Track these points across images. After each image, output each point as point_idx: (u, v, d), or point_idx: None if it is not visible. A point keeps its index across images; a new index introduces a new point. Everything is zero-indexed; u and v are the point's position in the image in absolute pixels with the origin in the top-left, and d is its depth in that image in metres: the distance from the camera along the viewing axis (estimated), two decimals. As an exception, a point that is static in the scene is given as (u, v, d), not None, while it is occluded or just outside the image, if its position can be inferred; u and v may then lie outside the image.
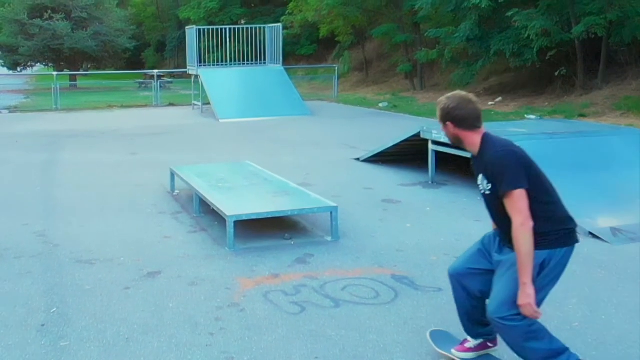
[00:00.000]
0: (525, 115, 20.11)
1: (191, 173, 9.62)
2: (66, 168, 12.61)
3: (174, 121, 21.08)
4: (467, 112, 4.20)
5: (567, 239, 4.15)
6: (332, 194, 9.76)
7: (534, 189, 4.02)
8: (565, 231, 4.15)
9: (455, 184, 10.65)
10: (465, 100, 4.24)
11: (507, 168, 4.02)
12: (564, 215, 4.18)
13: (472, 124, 4.22)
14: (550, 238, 4.06)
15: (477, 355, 4.64)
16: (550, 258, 4.07)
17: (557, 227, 4.11)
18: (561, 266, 4.15)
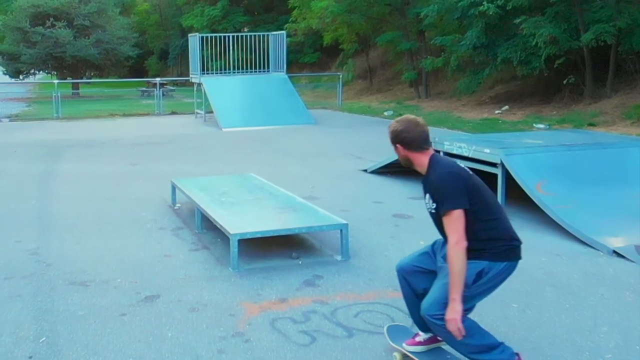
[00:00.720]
0: (533, 124, 19.66)
1: (193, 186, 9.16)
2: (64, 180, 12.13)
3: (176, 130, 20.61)
4: (415, 134, 4.45)
5: (509, 254, 4.38)
6: (340, 208, 9.30)
7: (476, 209, 4.26)
8: (507, 247, 4.37)
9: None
10: (412, 124, 4.49)
11: (447, 189, 4.28)
12: (507, 233, 4.41)
13: (420, 145, 4.48)
14: (491, 252, 4.31)
15: (426, 348, 4.78)
16: (489, 269, 4.32)
17: (499, 244, 4.34)
18: (498, 278, 4.40)
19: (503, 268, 4.36)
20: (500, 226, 4.39)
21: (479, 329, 4.41)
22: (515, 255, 4.42)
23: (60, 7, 38.25)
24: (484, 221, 4.30)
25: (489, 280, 4.35)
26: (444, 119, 22.15)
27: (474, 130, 19.06)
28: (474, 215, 4.24)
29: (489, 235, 4.31)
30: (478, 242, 4.25)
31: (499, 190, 9.06)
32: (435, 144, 10.15)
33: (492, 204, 4.42)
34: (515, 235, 4.45)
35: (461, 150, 9.54)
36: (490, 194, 4.48)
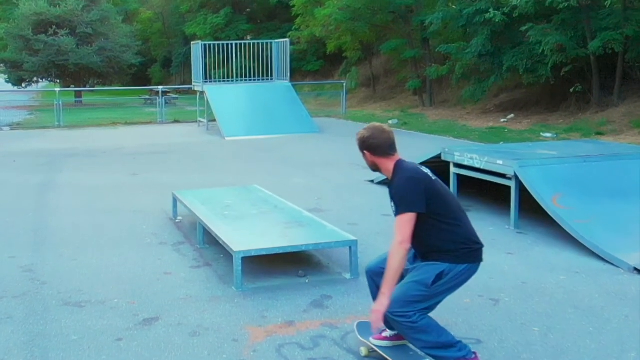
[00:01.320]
0: (540, 133, 19.31)
1: (195, 199, 8.78)
2: (62, 191, 11.75)
3: (179, 139, 20.24)
4: (381, 141, 4.67)
5: (469, 257, 4.57)
6: (348, 221, 8.93)
7: (437, 213, 4.48)
8: (468, 250, 4.57)
9: (479, 210, 9.77)
10: (379, 131, 4.73)
11: (405, 192, 4.52)
12: (468, 236, 4.61)
13: (386, 151, 4.69)
14: (452, 255, 4.49)
15: (392, 344, 4.94)
16: (449, 271, 4.48)
17: (460, 246, 4.53)
18: (458, 280, 4.56)
19: (463, 270, 4.53)
20: (461, 230, 4.59)
21: (437, 327, 4.52)
22: (475, 257, 4.63)
23: (63, 15, 37.96)
24: (445, 224, 4.51)
25: (448, 282, 4.51)
26: (449, 128, 21.77)
27: (480, 139, 18.69)
28: (435, 219, 4.48)
29: (450, 238, 4.51)
30: (440, 245, 4.50)
31: (513, 204, 8.67)
32: (445, 155, 9.79)
33: (454, 209, 4.62)
34: (476, 239, 4.67)
35: (472, 162, 9.15)
36: (452, 199, 4.70)
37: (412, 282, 4.49)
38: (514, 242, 8.11)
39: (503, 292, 6.33)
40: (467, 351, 4.53)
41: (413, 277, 4.53)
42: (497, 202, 10.07)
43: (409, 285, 4.48)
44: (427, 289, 4.45)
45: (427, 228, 4.48)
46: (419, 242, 4.55)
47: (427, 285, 4.45)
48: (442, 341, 4.47)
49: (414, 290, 4.45)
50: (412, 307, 4.42)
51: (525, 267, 7.13)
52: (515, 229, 8.63)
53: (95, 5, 39.93)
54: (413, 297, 4.44)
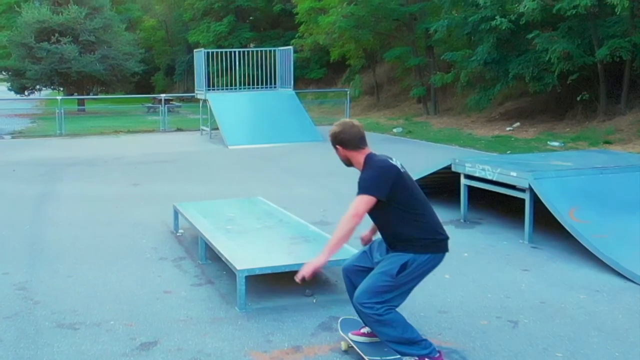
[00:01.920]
0: (547, 142, 18.95)
1: (196, 211, 8.40)
2: (61, 202, 11.36)
3: (181, 147, 19.86)
4: (351, 135, 4.84)
5: (433, 247, 4.71)
6: (356, 235, 8.49)
7: (403, 202, 4.66)
8: (432, 240, 4.72)
9: (491, 223, 9.39)
10: (348, 125, 4.90)
11: (371, 179, 4.70)
12: (433, 227, 4.76)
13: (357, 145, 4.85)
14: (416, 244, 4.65)
15: (369, 340, 5.04)
16: (413, 261, 4.64)
17: (424, 236, 4.69)
18: (422, 269, 4.71)
19: (426, 260, 4.68)
20: (425, 221, 4.73)
21: (403, 323, 4.66)
22: (439, 248, 4.78)
23: (65, 23, 37.59)
24: (411, 215, 4.67)
25: (413, 272, 4.66)
26: (455, 136, 21.41)
27: (486, 148, 18.32)
28: (401, 209, 4.67)
29: (415, 228, 4.67)
30: (405, 234, 4.68)
31: (527, 217, 8.28)
32: (456, 166, 9.41)
33: (419, 201, 4.76)
34: (441, 230, 4.82)
35: (484, 173, 8.77)
36: (418, 192, 4.81)
37: (379, 274, 4.69)
38: (529, 257, 7.72)
39: (522, 313, 5.94)
40: (432, 349, 4.66)
41: (380, 268, 4.73)
42: (509, 214, 9.70)
43: (376, 276, 4.69)
44: (393, 279, 4.63)
45: (394, 217, 4.70)
46: (387, 231, 4.86)
47: (393, 275, 4.63)
48: (407, 337, 4.62)
49: (380, 281, 4.65)
50: (379, 298, 4.62)
51: (542, 285, 6.75)
52: (529, 244, 8.25)
53: (98, 13, 39.58)
54: (380, 287, 4.63)
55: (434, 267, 4.80)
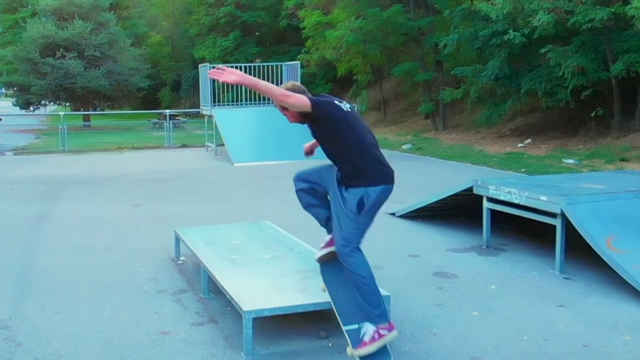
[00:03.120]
0: (562, 159, 18.21)
1: (199, 238, 7.65)
2: (57, 224, 10.60)
3: (186, 165, 19.11)
4: (299, 87, 5.12)
5: (382, 178, 5.04)
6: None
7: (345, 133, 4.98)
8: (378, 171, 5.05)
9: (517, 250, 8.61)
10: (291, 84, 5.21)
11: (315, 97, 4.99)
12: (376, 159, 5.08)
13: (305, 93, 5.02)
14: (365, 177, 4.98)
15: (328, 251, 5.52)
16: (367, 195, 4.98)
17: (370, 167, 5.01)
18: (378, 203, 5.09)
19: (380, 191, 5.04)
20: (369, 152, 5.06)
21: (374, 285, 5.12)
22: (388, 178, 5.12)
23: (70, 38, 37.04)
24: (353, 147, 4.99)
25: (371, 208, 5.07)
26: (466, 153, 20.66)
27: (500, 165, 17.57)
28: (343, 139, 5.00)
29: (360, 158, 5.00)
30: (352, 167, 5.02)
31: (558, 245, 7.51)
32: (478, 188, 8.65)
33: (362, 133, 5.10)
34: (385, 162, 5.16)
35: (510, 197, 8.00)
36: (361, 127, 5.12)
37: (343, 218, 5.07)
38: (563, 290, 6.94)
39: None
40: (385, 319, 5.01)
41: (340, 211, 5.09)
42: (535, 240, 8.96)
43: (341, 221, 5.08)
44: (356, 216, 5.03)
45: (341, 151, 5.05)
46: (339, 167, 5.18)
47: (355, 212, 5.03)
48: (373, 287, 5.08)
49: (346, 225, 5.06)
50: (351, 238, 5.07)
51: (582, 324, 5.98)
52: (561, 274, 7.48)
53: (103, 28, 39.03)
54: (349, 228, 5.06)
55: (387, 198, 5.17)
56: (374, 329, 4.92)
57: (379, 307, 5.00)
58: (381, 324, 4.94)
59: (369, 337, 4.91)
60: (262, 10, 44.83)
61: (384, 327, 4.94)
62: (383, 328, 4.93)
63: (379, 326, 4.93)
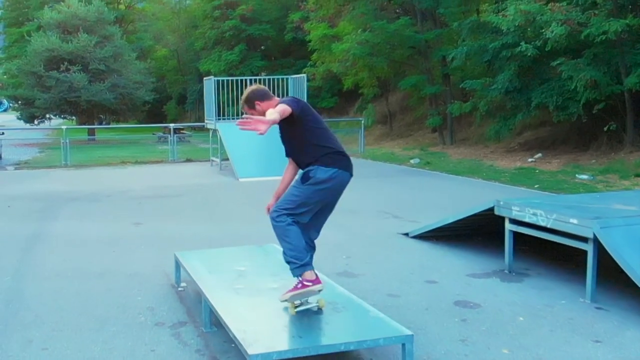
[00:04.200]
0: (575, 175, 17.54)
1: (200, 264, 7.00)
2: (52, 245, 9.93)
3: (190, 180, 18.47)
4: (261, 90, 5.87)
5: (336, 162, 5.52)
6: (387, 291, 7.14)
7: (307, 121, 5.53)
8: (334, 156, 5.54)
9: (541, 275, 7.94)
10: (254, 86, 5.95)
11: (287, 100, 5.48)
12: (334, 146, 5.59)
13: (269, 95, 5.83)
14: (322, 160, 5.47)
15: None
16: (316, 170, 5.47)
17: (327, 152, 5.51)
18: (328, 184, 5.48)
19: (332, 173, 5.43)
20: (328, 139, 5.55)
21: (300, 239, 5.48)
22: (343, 164, 5.54)
23: (75, 51, 36.51)
24: (314, 133, 5.50)
25: (317, 182, 5.40)
26: (476, 168, 19.99)
27: (512, 181, 16.91)
28: (306, 125, 5.48)
29: (319, 143, 5.47)
30: (312, 150, 5.47)
31: (589, 272, 6.84)
32: (499, 209, 7.99)
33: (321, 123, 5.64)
34: (342, 150, 5.62)
35: (536, 219, 7.34)
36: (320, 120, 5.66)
37: (289, 194, 5.58)
38: (597, 323, 6.27)
39: (614, 411, 4.52)
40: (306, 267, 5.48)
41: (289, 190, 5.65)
42: (558, 263, 8.31)
43: (287, 196, 5.59)
44: (299, 189, 5.48)
45: (304, 135, 5.51)
46: (299, 153, 5.64)
47: (299, 183, 5.52)
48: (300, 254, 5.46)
49: (289, 195, 5.57)
50: (288, 207, 5.47)
51: (624, 363, 5.33)
52: (592, 303, 6.80)
53: (108, 41, 38.51)
54: (290, 197, 5.54)
55: (340, 185, 5.59)
56: (299, 280, 5.48)
57: (300, 260, 5.45)
58: (306, 277, 5.45)
59: (293, 286, 5.49)
60: (268, 24, 44.42)
61: (310, 279, 5.45)
62: (308, 280, 5.44)
63: (303, 277, 5.46)
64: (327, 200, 5.65)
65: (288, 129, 5.60)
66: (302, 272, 5.46)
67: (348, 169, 5.58)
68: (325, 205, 5.73)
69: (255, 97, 5.75)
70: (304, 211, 5.52)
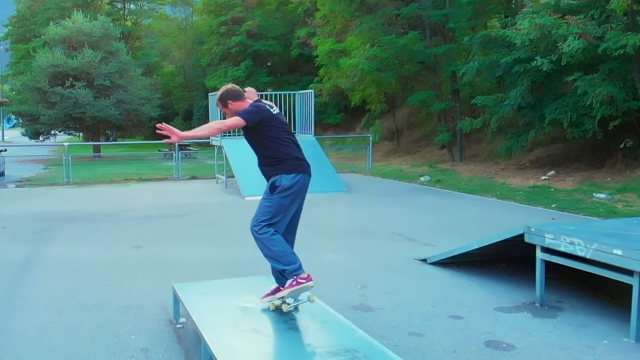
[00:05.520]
0: (592, 194, 16.72)
1: (200, 300, 6.21)
2: (44, 272, 9.13)
3: (194, 198, 17.66)
4: (235, 90, 6.16)
5: (296, 168, 5.87)
6: (409, 328, 6.35)
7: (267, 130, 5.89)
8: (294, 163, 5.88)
9: (576, 309, 7.13)
10: (229, 86, 6.26)
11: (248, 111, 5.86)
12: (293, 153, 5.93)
13: (242, 96, 6.17)
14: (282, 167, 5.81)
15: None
16: (281, 179, 5.80)
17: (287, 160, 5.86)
18: (293, 189, 5.81)
19: (295, 178, 5.83)
20: (287, 149, 5.92)
21: (284, 245, 5.83)
22: (302, 169, 5.94)
23: (80, 67, 35.84)
24: (276, 143, 5.90)
25: (285, 189, 5.79)
26: (489, 186, 19.17)
27: (527, 200, 16.10)
28: (265, 135, 5.91)
29: (279, 152, 5.88)
30: (272, 158, 5.90)
31: (634, 309, 6.04)
32: (531, 236, 7.17)
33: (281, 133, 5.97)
34: (299, 156, 6.01)
35: (573, 249, 6.54)
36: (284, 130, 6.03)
37: (261, 202, 5.93)
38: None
39: None
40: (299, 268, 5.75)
41: (261, 202, 5.94)
42: (592, 294, 7.49)
43: (259, 206, 5.92)
44: (270, 199, 5.82)
45: (265, 145, 5.90)
46: (262, 160, 6.03)
47: (269, 195, 5.84)
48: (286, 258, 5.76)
49: (262, 207, 5.88)
50: (263, 217, 5.80)
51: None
52: (638, 343, 6.00)
53: (113, 57, 37.83)
54: (263, 209, 5.83)
55: (303, 187, 5.88)
56: (292, 278, 5.75)
57: (294, 264, 5.75)
58: (299, 275, 5.74)
59: (288, 284, 5.78)
60: (274, 40, 43.84)
61: (303, 277, 5.74)
62: (302, 278, 5.74)
63: (297, 276, 5.73)
64: (296, 202, 5.95)
65: (249, 138, 6.04)
66: (297, 274, 5.73)
67: (307, 172, 5.97)
68: (298, 209, 6.07)
69: (229, 97, 6.08)
70: (280, 218, 5.83)
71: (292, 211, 5.95)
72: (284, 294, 5.80)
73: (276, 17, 46.40)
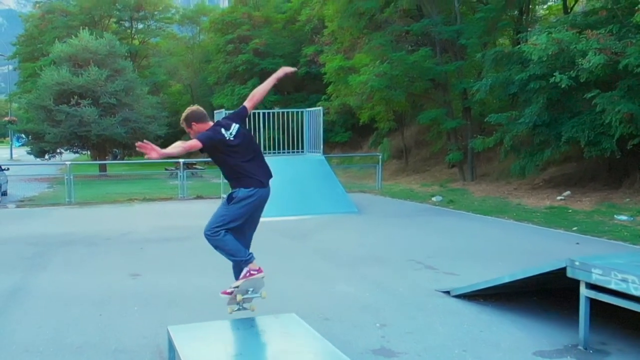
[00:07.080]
0: (613, 215, 15.76)
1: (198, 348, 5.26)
2: (30, 306, 8.18)
3: (198, 220, 16.39)
4: (200, 112, 6.34)
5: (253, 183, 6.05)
6: None
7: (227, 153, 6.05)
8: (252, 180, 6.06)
9: (624, 352, 6.17)
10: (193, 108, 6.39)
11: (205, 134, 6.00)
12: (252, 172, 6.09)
13: (205, 118, 6.30)
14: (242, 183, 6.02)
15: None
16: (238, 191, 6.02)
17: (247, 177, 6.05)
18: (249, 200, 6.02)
19: (250, 191, 6.01)
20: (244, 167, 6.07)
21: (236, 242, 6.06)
22: (260, 183, 6.10)
23: (85, 85, 35.15)
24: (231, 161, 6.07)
25: (241, 200, 5.99)
26: (503, 207, 18.21)
27: (546, 222, 15.16)
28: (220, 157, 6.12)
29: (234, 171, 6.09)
30: (230, 175, 6.16)
31: None
32: (574, 271, 6.22)
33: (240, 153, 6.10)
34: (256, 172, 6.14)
35: (627, 287, 5.60)
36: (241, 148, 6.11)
37: (217, 209, 6.16)
38: None
39: None
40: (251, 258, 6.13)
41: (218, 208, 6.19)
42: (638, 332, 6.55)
43: (215, 212, 6.12)
44: (226, 208, 6.05)
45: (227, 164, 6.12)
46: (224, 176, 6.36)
47: (225, 204, 6.09)
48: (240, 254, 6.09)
49: (218, 214, 6.08)
50: (218, 224, 6.00)
51: None
52: None
53: (119, 75, 37.13)
54: (218, 216, 6.05)
55: (260, 200, 6.12)
56: (246, 270, 6.08)
57: (246, 256, 6.09)
58: (252, 268, 6.08)
59: (242, 275, 6.09)
60: (281, 58, 43.11)
61: (255, 269, 6.08)
62: (254, 270, 6.08)
63: (250, 268, 6.07)
64: (250, 212, 6.10)
65: (210, 157, 6.23)
66: (248, 264, 6.06)
67: (265, 186, 6.15)
68: (251, 218, 6.18)
69: (193, 118, 6.24)
70: (235, 225, 6.03)
71: (245, 219, 6.10)
72: (238, 283, 6.10)
73: (283, 36, 45.80)
